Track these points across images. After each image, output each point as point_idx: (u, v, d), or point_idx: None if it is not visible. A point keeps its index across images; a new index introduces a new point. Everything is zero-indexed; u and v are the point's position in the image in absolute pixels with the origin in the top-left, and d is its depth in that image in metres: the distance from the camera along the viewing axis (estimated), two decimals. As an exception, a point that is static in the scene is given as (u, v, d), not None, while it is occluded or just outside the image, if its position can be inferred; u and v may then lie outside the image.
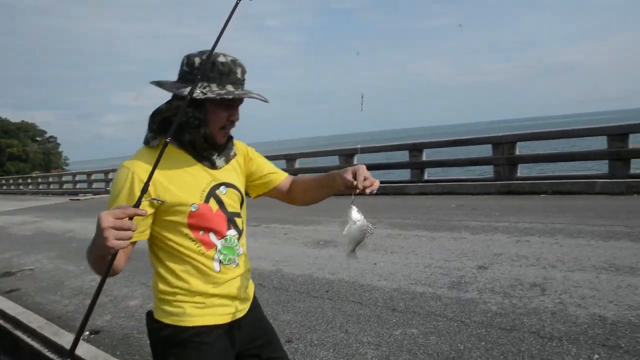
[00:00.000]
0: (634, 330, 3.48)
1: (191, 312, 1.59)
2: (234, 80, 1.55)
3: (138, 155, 1.56)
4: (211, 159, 1.63)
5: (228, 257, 1.65)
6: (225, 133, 1.62)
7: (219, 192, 1.63)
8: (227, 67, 1.54)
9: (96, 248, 1.30)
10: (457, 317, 4.05)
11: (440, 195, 11.30)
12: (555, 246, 5.87)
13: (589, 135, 11.51)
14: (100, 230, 1.24)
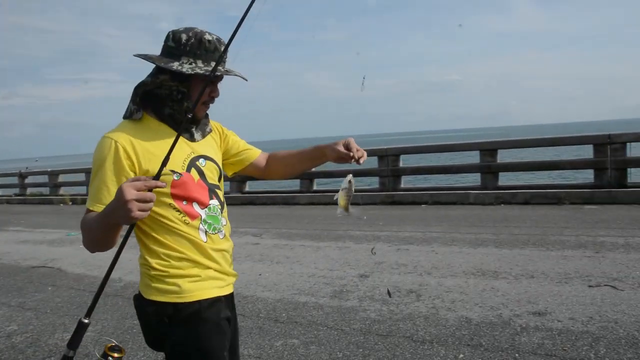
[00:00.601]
0: (493, 329, 3.76)
1: (189, 288, 1.57)
2: (218, 58, 1.58)
3: (120, 127, 1.58)
4: (190, 130, 1.66)
5: (213, 226, 1.65)
6: (206, 108, 1.67)
7: (199, 164, 1.65)
8: (212, 44, 1.59)
9: (113, 218, 1.34)
10: (337, 325, 4.12)
11: (329, 205, 11.53)
12: (431, 254, 6.21)
13: (464, 150, 12.45)
14: (122, 202, 1.26)
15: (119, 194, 1.28)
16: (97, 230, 1.43)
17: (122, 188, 1.28)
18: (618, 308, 4.02)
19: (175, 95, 1.57)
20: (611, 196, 9.27)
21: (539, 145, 11.69)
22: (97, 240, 1.47)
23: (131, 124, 1.58)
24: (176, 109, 1.59)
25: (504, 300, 4.35)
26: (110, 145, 1.50)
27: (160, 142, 1.56)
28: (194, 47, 1.57)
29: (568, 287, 4.60)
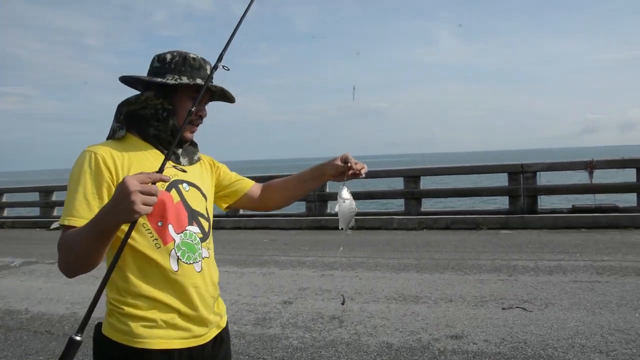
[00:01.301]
0: (413, 354, 3.83)
1: (140, 333, 1.40)
2: (203, 76, 1.55)
3: (101, 143, 1.50)
4: (176, 153, 1.58)
5: (187, 254, 1.48)
6: (192, 129, 1.60)
7: (181, 187, 1.55)
8: (197, 62, 1.56)
9: (111, 218, 1.20)
10: (259, 354, 4.03)
11: (254, 229, 11.42)
12: (355, 279, 6.27)
13: (390, 176, 12.79)
14: (125, 195, 1.15)
15: (121, 186, 1.17)
16: (86, 242, 1.27)
17: (124, 180, 1.18)
18: (527, 329, 4.23)
19: (160, 114, 1.52)
20: (524, 221, 9.82)
21: (459, 172, 12.26)
22: (82, 256, 1.30)
23: (113, 141, 1.52)
24: (161, 129, 1.53)
25: (424, 325, 4.45)
26: (90, 157, 1.42)
27: (143, 158, 1.49)
28: (179, 64, 1.55)
29: (483, 310, 4.78)
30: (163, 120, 1.52)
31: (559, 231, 9.28)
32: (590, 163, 10.25)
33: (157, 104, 1.52)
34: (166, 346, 1.41)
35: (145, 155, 1.50)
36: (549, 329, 4.20)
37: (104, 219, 1.22)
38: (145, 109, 1.52)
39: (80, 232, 1.29)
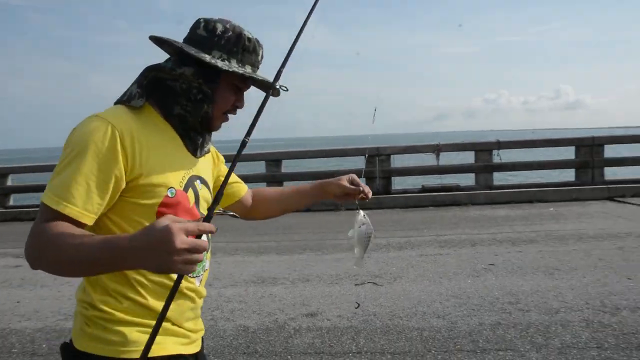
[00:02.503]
0: (269, 335, 3.88)
1: (138, 339, 1.17)
2: (254, 62, 1.32)
3: (116, 111, 1.19)
4: (197, 143, 1.32)
5: None
6: (225, 119, 1.34)
7: (196, 184, 1.31)
8: (252, 44, 1.31)
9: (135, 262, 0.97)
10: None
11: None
12: (214, 265, 6.16)
13: (251, 160, 12.75)
14: (168, 251, 0.90)
15: (163, 236, 0.91)
16: (86, 259, 1.01)
17: (169, 229, 0.91)
18: (377, 302, 4.50)
19: (195, 94, 1.26)
20: (379, 202, 10.42)
21: (320, 156, 12.61)
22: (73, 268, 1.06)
23: (129, 112, 1.21)
24: (190, 111, 1.26)
25: (281, 306, 4.53)
26: (106, 131, 1.12)
27: (162, 144, 1.23)
28: (231, 42, 1.28)
29: (338, 287, 4.99)
30: (195, 102, 1.27)
31: (410, 210, 10.01)
32: (437, 146, 11.16)
33: (193, 81, 1.26)
34: (171, 351, 1.25)
35: (167, 139, 1.26)
36: (396, 300, 4.51)
37: (121, 257, 0.98)
38: (177, 81, 1.26)
39: (84, 245, 1.02)
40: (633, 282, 4.76)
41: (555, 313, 4.08)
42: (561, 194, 10.39)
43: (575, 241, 6.55)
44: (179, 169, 1.26)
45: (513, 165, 11.80)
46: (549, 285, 4.76)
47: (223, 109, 1.31)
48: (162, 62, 1.30)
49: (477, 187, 11.02)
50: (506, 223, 8.09)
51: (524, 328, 3.81)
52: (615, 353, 3.37)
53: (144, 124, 1.21)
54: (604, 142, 11.23)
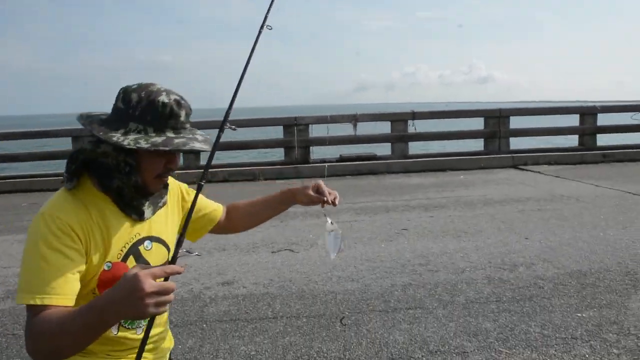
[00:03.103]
0: (184, 305, 3.81)
1: None
2: (174, 125, 1.29)
3: (58, 202, 1.25)
4: (140, 209, 1.35)
5: (129, 320, 1.36)
6: (161, 181, 1.35)
7: (142, 248, 1.37)
8: (168, 108, 1.28)
9: (113, 315, 1.05)
10: (7, 330, 3.59)
11: (11, 193, 9.96)
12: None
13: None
14: (138, 297, 0.99)
15: (131, 285, 1.00)
16: (81, 331, 1.08)
17: (136, 276, 1.01)
18: (293, 268, 4.55)
19: (123, 167, 1.28)
20: (297, 171, 10.47)
21: (240, 126, 12.36)
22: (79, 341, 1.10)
23: (70, 197, 1.27)
24: (125, 182, 1.30)
25: (196, 275, 4.46)
26: (54, 222, 1.20)
27: (106, 221, 1.29)
28: (145, 111, 1.27)
29: (255, 255, 4.99)
30: (125, 174, 1.29)
31: (328, 179, 10.13)
32: (354, 117, 11.32)
33: (118, 156, 1.28)
34: None
35: (106, 214, 1.30)
36: (313, 266, 4.58)
37: (102, 314, 1.06)
38: (107, 157, 1.28)
39: (74, 318, 1.09)
40: (530, 242, 5.14)
41: (461, 272, 4.32)
42: (471, 163, 10.95)
43: (482, 206, 6.95)
44: (118, 241, 1.32)
45: (427, 136, 12.25)
46: (456, 247, 5.03)
47: (152, 175, 1.33)
48: (85, 145, 1.33)
49: (393, 157, 11.35)
50: (419, 190, 8.42)
51: (433, 287, 4.01)
52: (511, 305, 3.64)
53: (84, 206, 1.27)
54: (509, 114, 11.90)
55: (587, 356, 2.93)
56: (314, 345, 3.18)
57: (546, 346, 3.06)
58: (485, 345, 3.10)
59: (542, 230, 5.57)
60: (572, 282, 4.01)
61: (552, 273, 4.24)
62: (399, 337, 3.22)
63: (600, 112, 12.17)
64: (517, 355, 2.96)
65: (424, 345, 3.12)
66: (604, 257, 4.58)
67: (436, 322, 3.43)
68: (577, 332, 3.20)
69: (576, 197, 7.31)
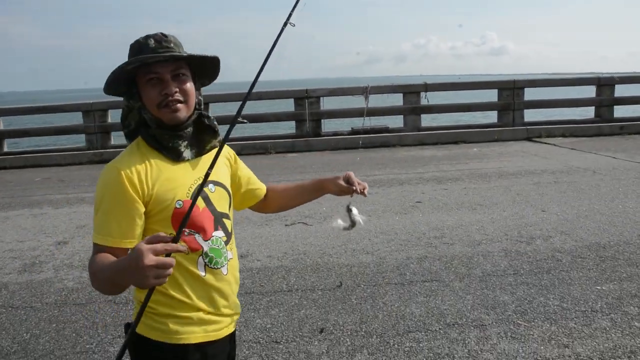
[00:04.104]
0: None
1: (176, 329, 1.42)
2: (145, 54, 1.38)
3: (124, 155, 1.43)
4: (177, 149, 1.45)
5: (215, 260, 1.47)
6: (168, 111, 1.41)
7: (207, 190, 1.49)
8: (137, 44, 1.41)
9: (125, 279, 1.20)
10: (25, 303, 3.60)
11: (23, 168, 10.01)
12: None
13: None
14: (139, 268, 1.11)
15: (135, 257, 1.12)
16: (109, 280, 1.28)
17: (139, 250, 1.12)
18: (307, 241, 4.53)
19: (140, 112, 1.44)
20: (309, 144, 10.40)
21: (250, 99, 12.26)
22: (109, 288, 1.33)
23: (133, 152, 1.44)
24: (151, 127, 1.44)
25: (210, 248, 4.45)
26: (114, 174, 1.37)
27: (162, 169, 1.43)
28: (132, 53, 1.41)
29: (268, 228, 4.96)
30: (146, 118, 1.44)
31: (340, 151, 10.07)
32: (365, 89, 11.16)
33: (129, 107, 1.46)
34: (197, 340, 1.46)
35: (165, 166, 1.44)
36: (326, 239, 4.55)
37: (118, 275, 1.22)
38: (136, 117, 1.46)
39: (104, 268, 1.28)
40: (546, 214, 5.06)
41: (477, 245, 4.27)
42: (484, 135, 10.80)
43: (496, 178, 6.86)
44: (184, 182, 1.44)
45: (440, 108, 12.07)
46: (472, 220, 4.97)
47: (153, 104, 1.41)
48: None
49: (405, 129, 11.21)
50: (432, 163, 8.33)
51: (449, 260, 3.97)
52: (529, 278, 3.59)
53: (144, 158, 1.41)
54: (524, 86, 11.66)
55: (607, 329, 2.88)
56: (329, 317, 3.16)
57: (565, 319, 3.01)
58: (504, 317, 3.06)
59: (559, 202, 5.48)
60: (590, 255, 3.95)
61: (570, 246, 4.17)
62: (415, 310, 3.20)
63: (618, 83, 11.90)
64: (536, 328, 2.93)
65: (441, 317, 3.09)
66: (623, 230, 4.50)
67: (453, 294, 3.39)
68: (597, 305, 3.16)
69: (593, 169, 7.19)
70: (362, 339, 2.91)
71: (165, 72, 1.39)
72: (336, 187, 1.71)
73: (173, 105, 1.41)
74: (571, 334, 2.85)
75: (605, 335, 2.83)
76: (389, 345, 2.84)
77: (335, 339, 2.93)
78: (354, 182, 1.69)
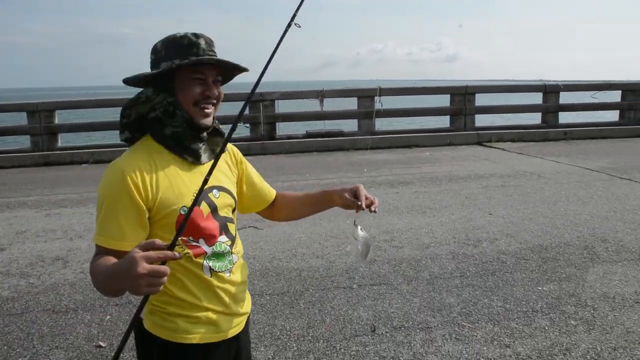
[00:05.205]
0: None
1: (185, 328, 1.44)
2: (196, 53, 1.40)
3: (127, 156, 1.40)
4: (197, 152, 1.46)
5: (218, 264, 1.47)
6: (203, 112, 1.43)
7: (211, 196, 1.47)
8: (185, 39, 1.42)
9: (119, 284, 1.19)
10: (-45, 313, 3.40)
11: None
12: (86, 215, 5.76)
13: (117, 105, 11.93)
14: (132, 276, 1.09)
15: (128, 264, 1.11)
16: (105, 283, 1.27)
17: (132, 258, 1.10)
18: (257, 245, 4.48)
19: (167, 108, 1.40)
20: (264, 147, 10.33)
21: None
22: (108, 290, 1.30)
23: (137, 151, 1.42)
24: (176, 126, 1.42)
25: (157, 254, 4.34)
26: (118, 176, 1.34)
27: (169, 172, 1.41)
28: (169, 48, 1.41)
29: (218, 232, 4.88)
30: (172, 114, 1.41)
31: (295, 155, 10.04)
32: (321, 92, 11.19)
33: (161, 101, 1.41)
34: (204, 340, 1.47)
35: (171, 165, 1.42)
36: (277, 243, 4.52)
37: (113, 280, 1.21)
38: (153, 111, 1.42)
39: (102, 270, 1.27)
40: (493, 217, 5.20)
41: (425, 248, 4.34)
42: (437, 139, 11.01)
43: (447, 182, 6.99)
44: (189, 188, 1.42)
45: (393, 112, 12.24)
46: (421, 223, 5.04)
47: (191, 101, 1.41)
48: (131, 99, 1.44)
49: (359, 133, 11.30)
50: (385, 166, 8.42)
51: (397, 263, 4.01)
52: (474, 280, 3.67)
53: (150, 157, 1.40)
54: (475, 92, 11.97)
55: (546, 328, 2.97)
56: (277, 323, 3.13)
57: (508, 320, 3.09)
58: (449, 319, 3.11)
59: (505, 206, 5.64)
60: (533, 257, 4.07)
61: (515, 248, 4.29)
62: (363, 314, 3.20)
63: (563, 91, 12.38)
64: (479, 329, 2.99)
65: (388, 321, 3.11)
66: (564, 232, 4.67)
67: (400, 297, 3.42)
68: (538, 305, 3.25)
69: (538, 173, 7.44)
70: (309, 344, 2.89)
71: (211, 75, 1.43)
72: (341, 201, 1.62)
73: (208, 108, 1.45)
74: (512, 334, 2.92)
75: (543, 334, 2.91)
76: (336, 349, 2.83)
77: (282, 344, 2.90)
78: (361, 196, 1.57)
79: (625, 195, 6.01)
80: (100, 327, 3.18)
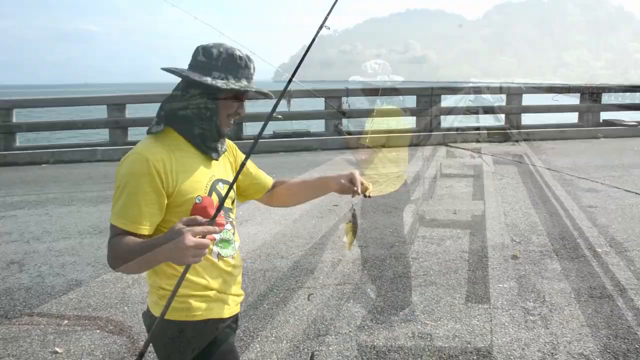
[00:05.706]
0: (105, 287, 3.62)
1: (198, 306, 1.54)
2: (247, 75, 1.56)
3: (148, 144, 1.50)
4: (218, 150, 1.60)
5: (224, 250, 1.60)
6: (230, 123, 1.60)
7: (218, 187, 1.59)
8: (244, 61, 1.55)
9: (162, 257, 1.31)
10: None
11: None
12: (44, 217, 5.59)
13: (92, 104, 11.64)
14: (179, 247, 1.23)
15: (176, 237, 1.24)
16: (140, 259, 1.35)
17: (180, 231, 1.25)
18: (222, 246, 4.42)
19: (204, 114, 1.53)
20: (230, 148, 10.23)
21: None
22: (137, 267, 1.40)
23: (157, 140, 1.52)
24: (206, 128, 1.55)
25: (118, 256, 4.25)
26: (142, 163, 1.43)
27: (187, 162, 1.52)
28: (226, 62, 1.52)
29: (182, 233, 4.81)
30: (206, 120, 1.53)
31: (261, 155, 9.97)
32: (289, 93, 11.13)
33: (200, 103, 1.52)
34: (216, 315, 1.58)
35: (189, 156, 1.53)
36: (242, 244, 4.40)
37: (157, 254, 1.30)
38: (188, 109, 1.53)
39: (135, 249, 1.36)
40: (457, 216, 5.28)
41: (390, 247, 4.37)
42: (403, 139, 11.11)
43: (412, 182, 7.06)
44: (203, 178, 1.55)
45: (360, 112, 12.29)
46: (386, 222, 5.08)
47: (225, 114, 1.55)
48: (172, 92, 1.56)
49: (326, 133, 11.32)
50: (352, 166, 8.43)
51: (362, 262, 4.02)
52: (438, 278, 3.71)
53: (170, 148, 1.50)
54: (441, 93, 12.14)
55: (506, 324, 3.03)
56: (240, 324, 3.07)
57: (469, 317, 3.14)
58: (412, 318, 3.14)
59: (469, 204, 5.73)
60: (495, 255, 4.15)
61: (477, 246, 4.36)
62: (326, 314, 3.20)
63: (525, 93, 12.68)
64: (442, 327, 3.02)
65: (352, 320, 3.12)
66: (524, 230, 4.77)
67: (364, 297, 3.43)
68: (498, 302, 3.31)
69: (501, 174, 7.59)
70: (272, 345, 2.87)
71: (245, 96, 1.59)
72: (338, 186, 1.73)
73: (234, 119, 1.61)
74: (474, 331, 2.97)
75: (503, 330, 2.97)
76: (299, 350, 2.82)
77: (244, 345, 2.87)
78: (357, 182, 1.70)
79: (584, 195, 6.19)
80: (56, 332, 3.09)
